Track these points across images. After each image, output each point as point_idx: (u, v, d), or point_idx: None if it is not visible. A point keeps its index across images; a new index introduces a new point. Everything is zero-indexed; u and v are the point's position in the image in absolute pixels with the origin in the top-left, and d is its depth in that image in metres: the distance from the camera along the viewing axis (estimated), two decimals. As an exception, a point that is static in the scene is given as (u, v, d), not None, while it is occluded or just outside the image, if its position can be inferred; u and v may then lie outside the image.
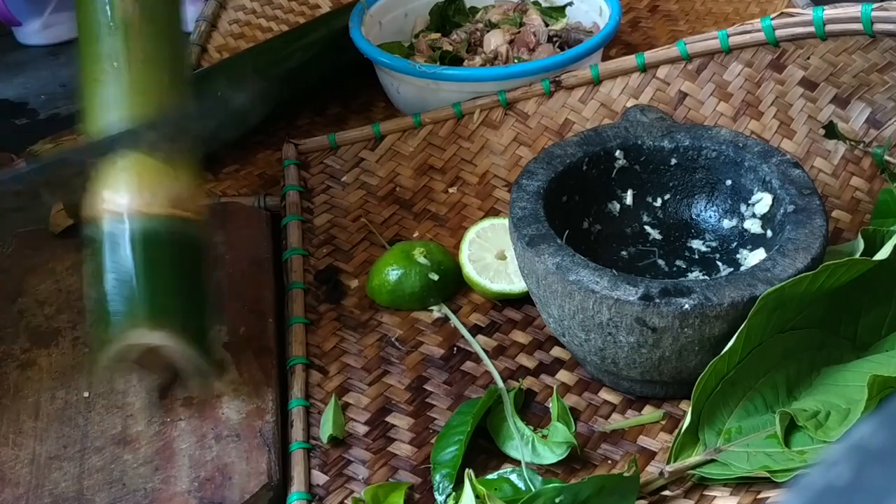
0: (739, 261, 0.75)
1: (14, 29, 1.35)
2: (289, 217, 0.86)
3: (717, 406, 0.64)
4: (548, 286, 0.67)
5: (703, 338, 0.64)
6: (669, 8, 1.20)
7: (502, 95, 0.93)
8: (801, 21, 0.86)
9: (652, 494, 0.63)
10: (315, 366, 0.75)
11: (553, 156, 0.76)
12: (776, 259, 0.66)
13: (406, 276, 0.79)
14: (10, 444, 0.69)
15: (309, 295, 0.81)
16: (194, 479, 0.65)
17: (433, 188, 0.91)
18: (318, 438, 0.70)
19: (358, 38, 0.99)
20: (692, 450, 0.64)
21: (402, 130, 0.94)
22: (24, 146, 0.90)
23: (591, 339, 0.66)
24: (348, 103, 1.08)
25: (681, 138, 0.78)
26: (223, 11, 1.21)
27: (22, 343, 0.77)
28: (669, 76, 0.91)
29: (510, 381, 0.73)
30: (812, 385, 0.65)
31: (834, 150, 0.86)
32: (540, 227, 0.70)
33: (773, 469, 0.61)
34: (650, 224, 0.79)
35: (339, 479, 0.67)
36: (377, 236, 0.86)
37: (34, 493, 0.65)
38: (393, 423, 0.71)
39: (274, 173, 0.97)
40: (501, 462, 0.67)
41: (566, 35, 1.02)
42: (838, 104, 0.87)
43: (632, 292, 0.63)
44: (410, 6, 1.09)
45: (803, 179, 0.72)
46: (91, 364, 0.70)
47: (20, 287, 0.82)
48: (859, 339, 0.67)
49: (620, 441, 0.69)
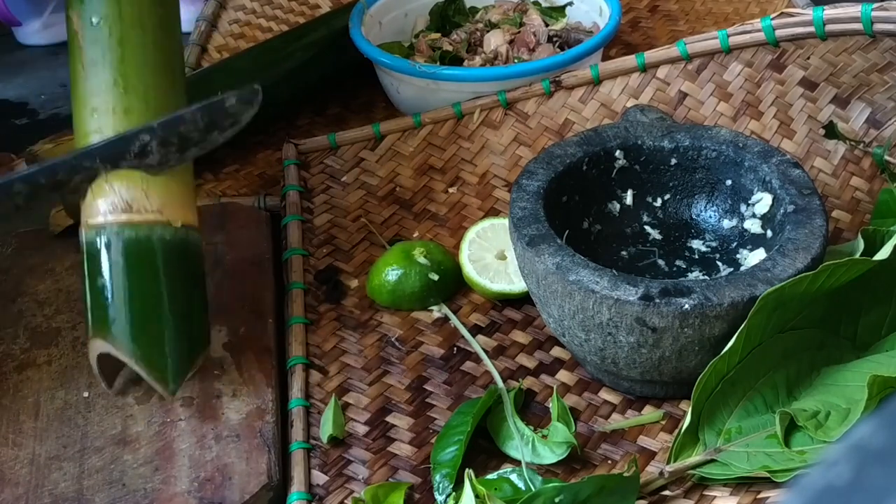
0: (739, 261, 0.75)
1: (14, 29, 1.35)
2: (289, 217, 0.86)
3: (717, 406, 0.64)
4: (548, 286, 0.67)
5: (703, 338, 0.64)
6: (669, 8, 1.20)
7: (502, 95, 0.93)
8: (801, 21, 0.86)
9: (652, 494, 0.63)
10: (315, 366, 0.75)
11: (553, 156, 0.76)
12: (776, 259, 0.66)
13: (406, 276, 0.79)
14: (10, 445, 0.69)
15: (309, 295, 0.81)
16: (194, 479, 0.65)
17: (433, 188, 0.91)
18: (318, 438, 0.70)
19: (358, 38, 0.99)
20: (692, 450, 0.64)
21: (402, 130, 0.94)
22: (24, 146, 0.90)
23: (591, 339, 0.66)
24: (348, 103, 1.08)
25: (681, 138, 0.78)
26: (223, 11, 1.21)
27: (21, 343, 0.77)
28: (669, 76, 0.91)
29: (510, 381, 0.73)
30: (812, 385, 0.65)
31: (834, 150, 0.86)
32: (540, 227, 0.70)
33: (773, 469, 0.61)
34: (650, 224, 0.79)
35: (339, 479, 0.67)
36: (377, 236, 0.86)
37: (34, 494, 0.65)
38: (393, 423, 0.71)
39: (274, 173, 0.97)
40: (501, 462, 0.67)
41: (566, 35, 1.02)
42: (838, 104, 0.87)
43: (632, 292, 0.63)
44: (410, 6, 1.09)
45: (803, 179, 0.72)
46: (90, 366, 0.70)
47: (20, 287, 0.82)
48: (859, 339, 0.67)
49: (620, 441, 0.69)
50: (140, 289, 0.66)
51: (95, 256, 0.66)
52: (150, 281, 0.66)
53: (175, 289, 0.67)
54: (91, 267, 0.67)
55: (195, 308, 0.69)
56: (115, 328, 0.66)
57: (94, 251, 0.67)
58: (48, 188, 0.57)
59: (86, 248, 0.67)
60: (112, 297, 0.66)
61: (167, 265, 0.67)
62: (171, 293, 0.67)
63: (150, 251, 0.66)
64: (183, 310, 0.68)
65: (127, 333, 0.66)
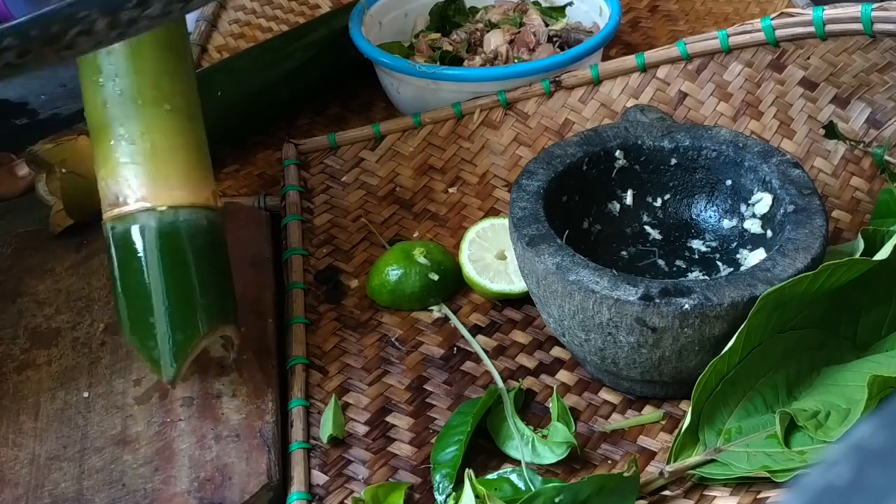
0: (739, 261, 0.75)
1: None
2: (289, 217, 0.86)
3: (717, 406, 0.64)
4: (548, 286, 0.67)
5: (703, 338, 0.64)
6: (669, 8, 1.20)
7: (502, 95, 0.93)
8: (801, 21, 0.86)
9: (652, 494, 0.63)
10: (315, 366, 0.75)
11: (553, 156, 0.76)
12: (776, 259, 0.66)
13: (406, 276, 0.79)
14: (10, 445, 0.69)
15: (309, 295, 0.81)
16: (194, 479, 0.65)
17: (433, 188, 0.91)
18: (318, 438, 0.70)
19: (358, 38, 0.99)
20: (692, 450, 0.64)
21: (402, 130, 0.94)
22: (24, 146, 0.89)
23: (591, 339, 0.66)
24: (348, 103, 1.08)
25: (681, 138, 0.78)
26: (223, 11, 1.21)
27: (21, 343, 0.77)
28: (669, 76, 0.91)
29: (510, 381, 0.73)
30: (812, 385, 0.65)
31: (834, 150, 0.86)
32: (540, 227, 0.70)
33: (773, 469, 0.61)
34: (650, 224, 0.79)
35: (339, 479, 0.67)
36: (377, 236, 0.86)
37: (34, 494, 0.65)
38: (393, 423, 0.71)
39: (274, 173, 0.97)
40: (501, 462, 0.67)
41: (566, 35, 1.02)
42: (838, 104, 0.87)
43: (632, 292, 0.63)
44: (410, 6, 1.09)
45: (803, 179, 0.72)
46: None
47: (20, 287, 0.82)
48: (859, 339, 0.67)
49: (620, 441, 0.69)
50: (127, 281, 0.66)
51: (108, 255, 0.68)
52: (135, 272, 0.66)
53: (165, 274, 0.66)
54: (108, 265, 0.69)
55: (191, 289, 0.67)
56: (121, 323, 0.67)
57: (107, 250, 0.68)
58: (41, 42, 0.51)
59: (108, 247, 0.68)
60: (114, 293, 0.67)
61: (150, 252, 0.66)
62: (158, 280, 0.66)
63: (132, 241, 0.66)
64: (176, 294, 0.66)
65: (126, 327, 0.67)
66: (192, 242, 0.67)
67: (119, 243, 0.67)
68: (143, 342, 0.66)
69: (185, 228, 0.67)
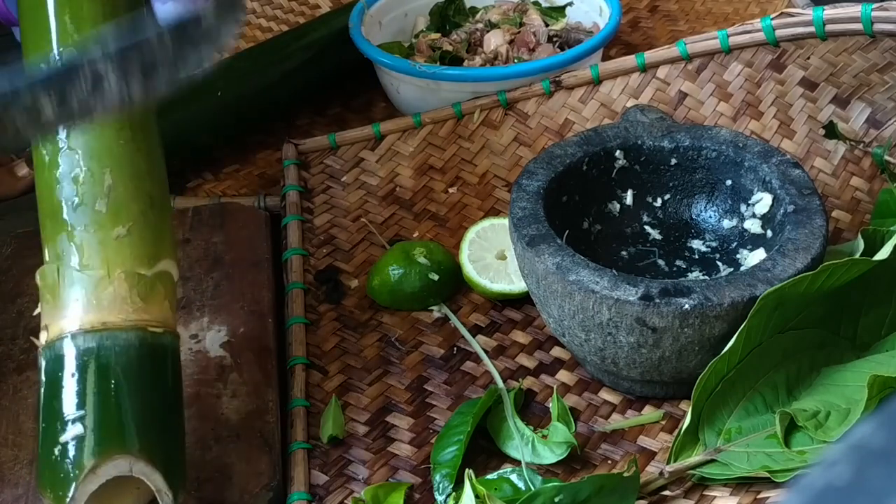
0: (739, 261, 0.75)
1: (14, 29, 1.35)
2: (289, 217, 0.86)
3: (717, 406, 0.64)
4: (548, 286, 0.67)
5: (703, 338, 0.64)
6: (669, 8, 1.20)
7: (502, 95, 0.93)
8: (801, 21, 0.86)
9: (652, 494, 0.63)
10: (315, 366, 0.75)
11: (553, 156, 0.76)
12: (776, 259, 0.66)
13: (406, 276, 0.79)
14: (10, 445, 0.69)
15: (309, 295, 0.81)
16: (194, 479, 0.65)
17: (433, 188, 0.91)
18: (318, 438, 0.70)
19: (358, 38, 0.99)
20: (692, 450, 0.64)
21: (402, 130, 0.94)
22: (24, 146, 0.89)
23: (591, 339, 0.66)
24: (348, 103, 1.08)
25: (681, 138, 0.78)
26: (223, 11, 1.21)
27: (21, 344, 0.77)
28: (669, 76, 0.91)
29: (510, 381, 0.73)
30: (812, 385, 0.65)
31: (834, 150, 0.86)
32: (540, 227, 0.70)
33: (773, 469, 0.61)
34: (650, 224, 0.79)
35: (339, 479, 0.67)
36: (377, 236, 0.86)
37: (34, 494, 0.65)
38: (393, 423, 0.71)
39: (274, 173, 0.97)
40: (501, 462, 0.67)
41: (566, 35, 1.02)
42: (838, 104, 0.87)
43: (632, 292, 0.63)
44: (410, 6, 1.09)
45: (803, 179, 0.72)
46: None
47: (20, 287, 0.82)
48: (859, 339, 0.67)
49: (620, 441, 0.69)
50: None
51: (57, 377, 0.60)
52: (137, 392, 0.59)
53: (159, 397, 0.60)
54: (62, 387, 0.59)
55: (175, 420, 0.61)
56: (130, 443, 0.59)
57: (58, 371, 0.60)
58: None
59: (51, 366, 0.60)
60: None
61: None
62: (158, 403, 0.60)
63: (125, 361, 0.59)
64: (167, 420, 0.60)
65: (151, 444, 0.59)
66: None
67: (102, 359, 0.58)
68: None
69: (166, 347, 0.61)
